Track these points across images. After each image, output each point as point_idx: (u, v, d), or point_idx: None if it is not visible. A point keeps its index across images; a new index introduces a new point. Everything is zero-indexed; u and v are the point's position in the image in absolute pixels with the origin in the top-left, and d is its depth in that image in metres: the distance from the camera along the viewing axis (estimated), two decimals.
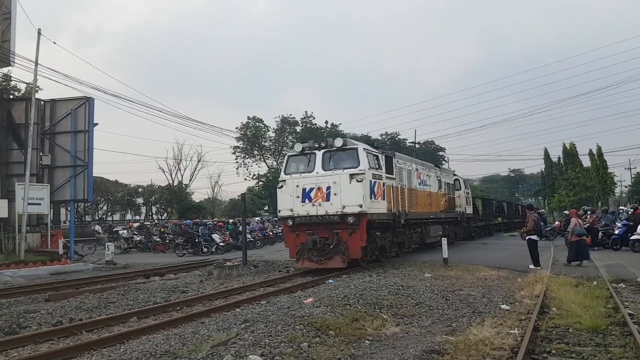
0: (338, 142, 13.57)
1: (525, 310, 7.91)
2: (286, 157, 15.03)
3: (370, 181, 13.29)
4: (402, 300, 8.65)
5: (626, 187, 64.58)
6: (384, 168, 14.53)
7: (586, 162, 57.78)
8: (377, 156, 14.43)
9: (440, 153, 78.29)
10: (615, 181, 58.11)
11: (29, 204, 19.10)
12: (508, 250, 19.58)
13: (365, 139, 70.71)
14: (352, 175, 12.97)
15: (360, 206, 12.73)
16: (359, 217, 12.85)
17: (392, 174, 15.23)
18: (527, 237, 14.23)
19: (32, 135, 19.91)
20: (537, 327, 6.78)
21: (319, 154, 13.75)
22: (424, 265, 14.12)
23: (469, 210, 25.38)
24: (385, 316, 7.46)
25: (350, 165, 13.28)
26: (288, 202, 13.83)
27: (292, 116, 58.34)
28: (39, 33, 19.70)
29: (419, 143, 65.91)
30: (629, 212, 19.45)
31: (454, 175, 24.38)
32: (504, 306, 8.36)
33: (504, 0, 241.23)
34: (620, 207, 25.74)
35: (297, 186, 13.65)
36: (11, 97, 27.22)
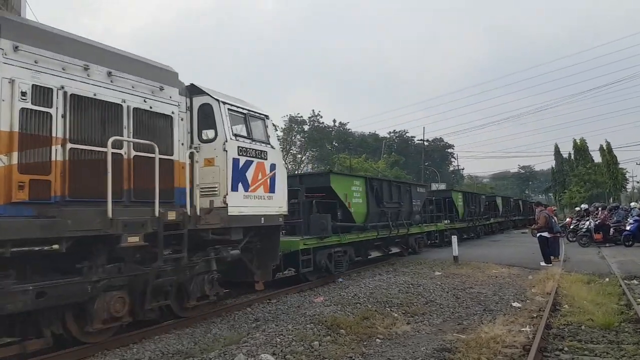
0: None
1: (537, 308, 7.88)
2: None
3: None
4: (412, 298, 8.64)
5: (638, 182, 63.89)
6: None
7: (597, 158, 57.28)
8: None
9: (449, 150, 77.92)
10: (627, 177, 57.49)
11: None
12: (519, 247, 19.45)
13: (373, 138, 70.73)
14: None
15: None
16: None
17: None
18: (538, 234, 14.19)
19: None
20: (549, 324, 6.76)
21: None
22: (434, 264, 14.06)
23: (273, 205, 8.69)
24: (395, 314, 7.45)
25: None
26: None
27: (299, 115, 58.53)
28: None
29: (427, 141, 65.64)
30: None
31: (182, 88, 7.53)
32: (515, 304, 8.33)
33: None
34: (632, 203, 25.39)
35: None
36: None
